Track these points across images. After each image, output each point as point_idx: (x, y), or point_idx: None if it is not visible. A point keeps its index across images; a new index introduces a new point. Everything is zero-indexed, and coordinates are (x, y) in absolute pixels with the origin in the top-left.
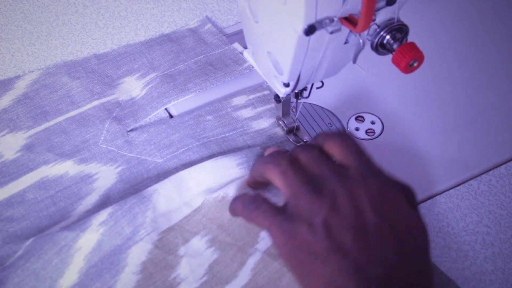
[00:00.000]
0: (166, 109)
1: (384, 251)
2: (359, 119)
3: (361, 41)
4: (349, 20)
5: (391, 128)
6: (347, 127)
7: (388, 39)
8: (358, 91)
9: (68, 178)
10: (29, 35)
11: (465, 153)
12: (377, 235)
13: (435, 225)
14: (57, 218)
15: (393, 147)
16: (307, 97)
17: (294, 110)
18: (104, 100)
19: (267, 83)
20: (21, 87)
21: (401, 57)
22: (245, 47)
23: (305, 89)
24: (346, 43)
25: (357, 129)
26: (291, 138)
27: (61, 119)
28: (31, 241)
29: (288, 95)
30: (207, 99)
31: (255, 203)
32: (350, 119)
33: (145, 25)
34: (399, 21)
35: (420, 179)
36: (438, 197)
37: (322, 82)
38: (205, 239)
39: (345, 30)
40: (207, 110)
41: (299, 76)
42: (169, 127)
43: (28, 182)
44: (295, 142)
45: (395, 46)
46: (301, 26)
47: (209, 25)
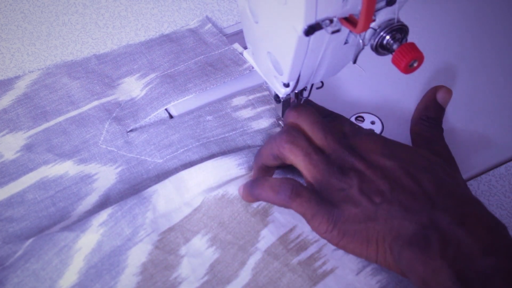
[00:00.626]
0: (166, 110)
1: (421, 184)
2: (359, 119)
3: (360, 41)
4: (349, 20)
5: (391, 128)
6: None
7: (388, 40)
8: (358, 91)
9: (68, 178)
10: (29, 35)
11: (465, 153)
12: (404, 175)
13: None
14: (57, 218)
15: None
16: (307, 97)
17: None
18: (104, 100)
19: (267, 84)
20: (21, 87)
21: (401, 58)
22: (245, 48)
23: (305, 89)
24: (346, 43)
25: None
26: None
27: (61, 119)
28: (31, 241)
29: (288, 95)
30: (207, 100)
31: (294, 190)
32: (350, 119)
33: (145, 25)
34: (399, 21)
35: None
36: None
37: (322, 82)
38: (206, 238)
39: (345, 30)
40: (207, 110)
41: (299, 76)
42: (169, 128)
43: (28, 182)
44: None
45: (395, 46)
46: (301, 26)
47: (209, 25)
